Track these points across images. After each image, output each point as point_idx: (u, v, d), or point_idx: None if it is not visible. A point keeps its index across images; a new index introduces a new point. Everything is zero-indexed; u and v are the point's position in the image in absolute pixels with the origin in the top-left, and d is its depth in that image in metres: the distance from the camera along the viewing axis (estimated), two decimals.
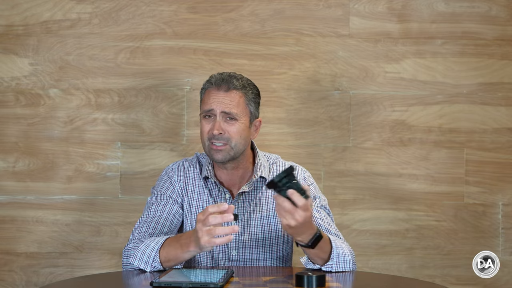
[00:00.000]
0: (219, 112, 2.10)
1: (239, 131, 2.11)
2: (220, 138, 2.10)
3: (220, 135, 2.09)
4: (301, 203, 1.82)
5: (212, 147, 2.11)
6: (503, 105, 2.84)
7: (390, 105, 2.83)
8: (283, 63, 2.82)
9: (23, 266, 2.77)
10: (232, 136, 2.10)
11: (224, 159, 2.12)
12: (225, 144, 2.10)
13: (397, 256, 2.83)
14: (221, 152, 2.11)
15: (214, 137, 2.10)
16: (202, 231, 1.80)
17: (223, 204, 1.80)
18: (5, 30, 2.78)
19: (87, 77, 2.79)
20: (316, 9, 2.83)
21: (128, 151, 2.79)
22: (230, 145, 2.11)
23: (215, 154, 2.11)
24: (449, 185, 2.83)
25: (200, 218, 1.81)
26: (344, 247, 2.01)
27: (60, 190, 2.78)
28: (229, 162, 2.14)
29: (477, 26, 2.84)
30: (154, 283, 1.70)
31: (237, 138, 2.11)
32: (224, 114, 2.10)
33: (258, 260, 2.17)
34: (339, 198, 2.81)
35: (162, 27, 2.80)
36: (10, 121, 2.78)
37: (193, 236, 1.86)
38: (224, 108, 2.10)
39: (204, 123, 2.13)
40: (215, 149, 2.11)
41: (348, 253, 2.01)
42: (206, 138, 2.12)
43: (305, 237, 1.90)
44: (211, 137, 2.10)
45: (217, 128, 2.09)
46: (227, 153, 2.11)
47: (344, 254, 1.99)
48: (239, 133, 2.11)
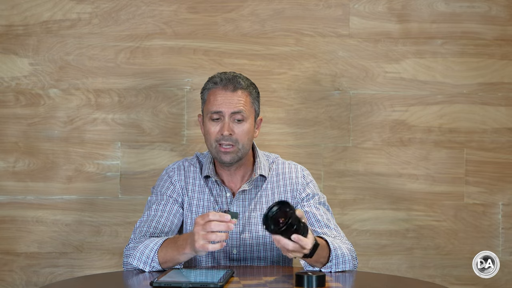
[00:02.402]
0: (228, 113, 2.10)
1: (246, 132, 2.12)
2: (229, 139, 2.10)
3: (229, 136, 2.09)
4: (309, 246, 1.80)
5: (220, 149, 2.11)
6: (503, 105, 2.84)
7: (390, 105, 2.83)
8: (283, 63, 2.82)
9: (23, 266, 2.77)
10: (240, 138, 2.11)
11: (233, 160, 2.12)
12: (233, 146, 2.10)
13: (397, 256, 2.83)
14: (230, 154, 2.11)
15: (223, 138, 2.09)
16: (199, 235, 1.80)
17: (225, 214, 1.80)
18: (5, 30, 2.78)
19: (87, 77, 2.79)
20: (316, 9, 2.83)
21: (128, 151, 2.79)
22: (238, 147, 2.11)
23: (224, 156, 2.11)
24: (449, 185, 2.83)
25: (199, 222, 1.81)
26: (342, 247, 2.01)
27: (60, 190, 2.78)
28: (235, 163, 2.14)
29: (477, 26, 2.85)
30: (154, 283, 1.70)
31: (244, 139, 2.12)
32: (233, 114, 2.10)
33: (258, 259, 2.17)
34: (339, 198, 2.81)
35: (162, 27, 2.80)
36: (10, 121, 2.78)
37: (189, 239, 1.86)
38: (234, 109, 2.10)
39: (211, 125, 2.12)
40: (224, 151, 2.11)
41: (347, 252, 2.01)
42: (213, 140, 2.12)
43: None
44: (220, 139, 2.10)
45: (227, 129, 2.09)
46: (235, 154, 2.12)
47: (343, 255, 1.99)
48: (246, 134, 2.12)
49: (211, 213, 1.80)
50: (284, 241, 1.78)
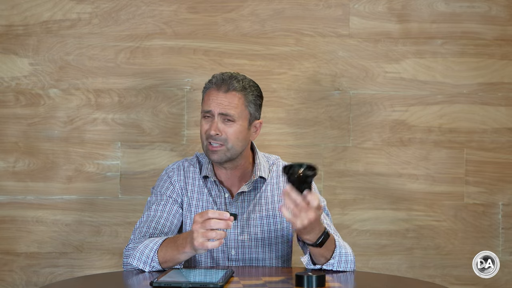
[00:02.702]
0: (217, 113, 2.11)
1: (236, 133, 2.11)
2: (217, 139, 2.10)
3: (217, 136, 2.10)
4: (316, 203, 1.81)
5: (209, 148, 2.12)
6: (503, 105, 2.84)
7: (390, 105, 2.83)
8: (283, 63, 2.82)
9: (23, 266, 2.77)
10: (229, 138, 2.11)
11: (220, 160, 2.12)
12: (222, 145, 2.11)
13: (397, 256, 2.83)
14: (217, 153, 2.11)
15: (211, 137, 2.10)
16: (198, 233, 1.80)
17: (224, 212, 1.80)
18: (5, 30, 2.78)
19: (87, 77, 2.79)
20: (316, 9, 2.83)
21: (128, 151, 2.79)
22: (227, 146, 2.11)
23: (212, 155, 2.12)
24: (449, 185, 2.83)
25: (197, 220, 1.81)
26: (347, 246, 2.02)
27: (60, 190, 2.78)
28: (226, 162, 2.14)
29: (477, 26, 2.84)
30: (154, 283, 1.70)
31: (234, 140, 2.11)
32: (221, 115, 2.11)
33: (257, 259, 2.17)
34: (339, 198, 2.81)
35: (162, 27, 2.80)
36: (10, 121, 2.78)
37: (188, 238, 1.86)
38: (222, 110, 2.10)
39: (203, 123, 2.14)
40: (212, 150, 2.12)
41: (351, 253, 2.01)
42: (204, 138, 2.13)
43: (313, 236, 1.90)
44: (209, 137, 2.11)
45: (214, 128, 2.10)
46: (224, 154, 2.11)
47: (347, 254, 1.99)
48: (236, 134, 2.11)
49: (210, 211, 1.80)
50: (295, 195, 1.79)
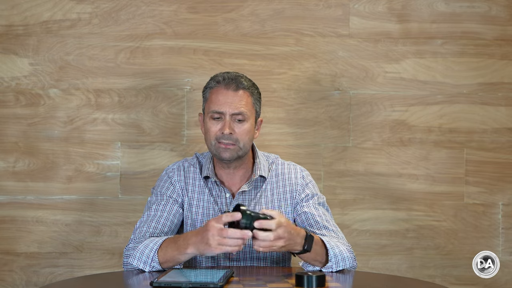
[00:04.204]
0: (229, 113, 2.10)
1: (247, 132, 2.12)
2: (229, 138, 2.10)
3: (230, 135, 2.09)
4: (274, 224, 1.82)
5: (220, 145, 2.11)
6: (503, 105, 2.84)
7: (390, 105, 2.83)
8: (283, 63, 2.82)
9: (23, 266, 2.77)
10: (241, 137, 2.11)
11: (232, 158, 2.12)
12: (233, 145, 2.11)
13: (397, 256, 2.83)
14: (229, 151, 2.11)
15: (223, 137, 2.10)
16: (214, 239, 1.81)
17: (236, 213, 1.81)
18: (5, 30, 2.79)
19: (87, 77, 2.79)
20: (316, 9, 2.83)
21: (128, 151, 2.79)
22: (239, 145, 2.11)
23: (223, 153, 2.11)
24: (449, 185, 2.83)
25: (214, 225, 1.81)
26: (339, 245, 2.02)
27: (60, 190, 2.78)
28: (234, 161, 2.14)
29: (477, 26, 2.85)
30: (154, 283, 1.70)
31: (245, 139, 2.12)
32: (234, 115, 2.10)
33: (258, 259, 2.17)
34: (339, 198, 2.81)
35: (162, 27, 2.80)
36: (10, 121, 2.78)
37: (194, 238, 1.86)
38: (235, 110, 2.10)
39: (212, 124, 2.12)
40: (224, 148, 2.11)
41: (345, 249, 2.01)
42: (213, 138, 2.12)
43: (298, 244, 1.91)
44: (220, 137, 2.10)
45: (228, 127, 2.09)
46: (236, 152, 2.12)
47: (341, 252, 1.99)
48: (247, 133, 2.12)
49: (224, 215, 1.81)
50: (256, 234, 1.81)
